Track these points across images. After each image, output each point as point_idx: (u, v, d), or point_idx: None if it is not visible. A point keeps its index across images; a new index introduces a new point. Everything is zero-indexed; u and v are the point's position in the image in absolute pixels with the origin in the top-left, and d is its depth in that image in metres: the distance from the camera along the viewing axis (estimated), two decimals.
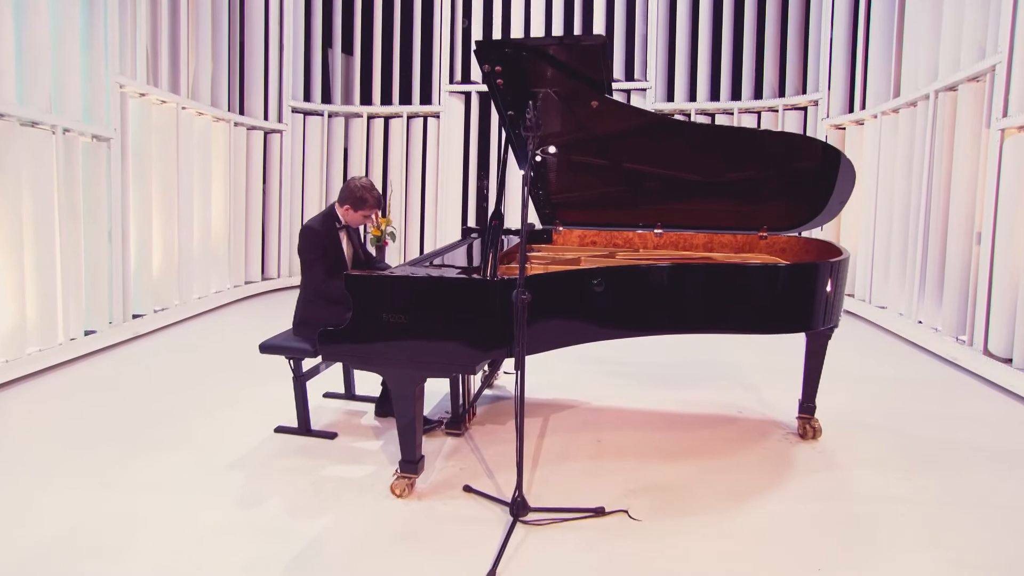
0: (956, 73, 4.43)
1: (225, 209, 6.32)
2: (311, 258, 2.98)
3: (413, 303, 2.24)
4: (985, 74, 4.16)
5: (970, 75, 4.28)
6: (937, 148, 4.67)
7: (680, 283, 2.45)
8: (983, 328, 4.01)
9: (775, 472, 2.71)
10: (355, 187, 3.03)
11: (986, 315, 3.98)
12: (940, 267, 4.66)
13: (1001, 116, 3.90)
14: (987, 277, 3.99)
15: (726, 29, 6.86)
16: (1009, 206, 3.83)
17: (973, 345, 4.11)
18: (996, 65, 3.95)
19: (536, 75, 2.31)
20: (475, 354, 2.24)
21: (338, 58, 7.51)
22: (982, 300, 4.03)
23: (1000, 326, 3.88)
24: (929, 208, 4.76)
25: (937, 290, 4.71)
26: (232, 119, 6.29)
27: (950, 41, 4.57)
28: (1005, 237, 3.86)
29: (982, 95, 4.23)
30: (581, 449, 2.94)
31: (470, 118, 7.49)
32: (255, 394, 3.62)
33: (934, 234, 4.69)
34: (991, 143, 4.01)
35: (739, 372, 4.18)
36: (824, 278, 2.61)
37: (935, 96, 4.70)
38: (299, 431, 3.03)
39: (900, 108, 5.28)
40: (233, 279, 6.47)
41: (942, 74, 4.64)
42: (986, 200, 4.04)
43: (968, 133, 4.32)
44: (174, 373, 4.07)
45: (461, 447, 2.92)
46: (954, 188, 4.42)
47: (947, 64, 4.59)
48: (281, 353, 2.96)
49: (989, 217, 3.99)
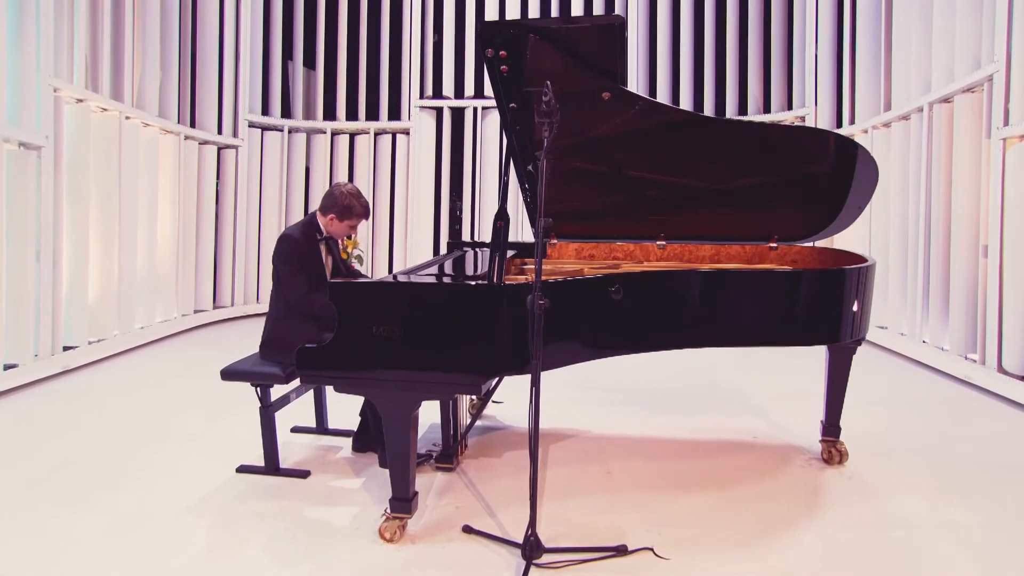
0: (950, 84, 4.59)
1: (173, 230, 6.04)
2: (289, 270, 2.79)
3: (410, 313, 2.08)
4: (982, 84, 4.31)
5: (965, 86, 4.43)
6: (935, 161, 4.79)
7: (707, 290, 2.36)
8: (995, 345, 4.04)
9: (805, 500, 2.61)
10: (340, 194, 2.87)
11: (998, 331, 4.02)
12: (944, 284, 4.74)
13: (1002, 125, 4.02)
14: (996, 292, 4.04)
15: (708, 43, 7.03)
16: (1016, 216, 3.92)
17: (986, 364, 4.14)
18: (994, 75, 4.09)
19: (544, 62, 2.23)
20: (482, 371, 2.09)
21: (299, 71, 7.40)
22: (992, 316, 4.08)
23: (1014, 342, 3.92)
24: (929, 223, 4.86)
25: (942, 308, 4.77)
26: (182, 132, 6.07)
27: (942, 53, 4.74)
28: (1013, 249, 3.93)
29: (979, 105, 4.37)
30: (590, 482, 2.79)
31: (442, 135, 7.44)
32: (212, 430, 3.37)
33: (936, 250, 4.78)
34: (993, 153, 4.12)
35: (743, 396, 4.12)
36: (852, 286, 2.56)
37: (929, 108, 4.85)
38: (266, 470, 2.79)
39: (892, 122, 5.44)
40: (181, 307, 6.15)
41: (935, 86, 4.80)
42: (991, 211, 4.13)
43: (967, 144, 4.44)
44: (115, 409, 3.76)
45: (454, 483, 2.74)
46: (955, 201, 4.52)
47: (940, 76, 4.75)
48: (247, 379, 2.74)
49: (995, 229, 4.07)
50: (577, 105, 2.63)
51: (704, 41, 7.03)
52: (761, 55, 7.00)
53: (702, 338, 2.43)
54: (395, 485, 2.24)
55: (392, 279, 2.21)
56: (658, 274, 2.37)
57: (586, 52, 2.20)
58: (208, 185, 6.58)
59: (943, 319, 4.76)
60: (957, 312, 4.49)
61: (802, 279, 2.51)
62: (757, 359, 5.14)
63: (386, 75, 7.38)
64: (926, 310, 4.92)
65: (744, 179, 3.13)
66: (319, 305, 2.77)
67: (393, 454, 2.22)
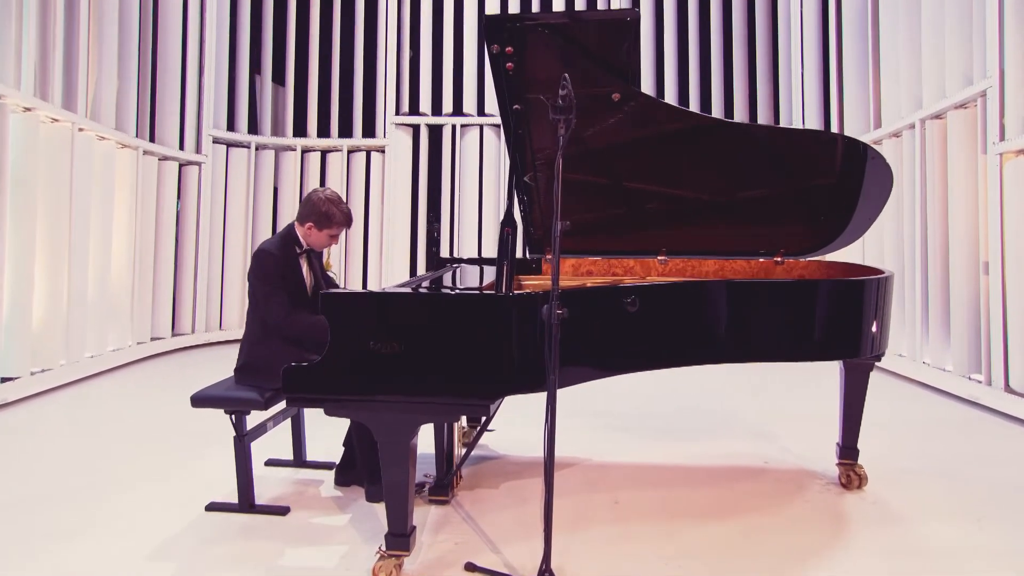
0: (942, 100, 4.72)
1: (129, 251, 5.80)
2: (267, 289, 2.64)
3: (411, 326, 1.97)
4: (974, 100, 4.44)
5: (957, 102, 4.56)
6: (929, 178, 4.90)
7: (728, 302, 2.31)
8: (1001, 364, 4.08)
9: (831, 528, 2.54)
10: (318, 200, 2.75)
11: (1004, 350, 4.07)
12: (944, 303, 4.80)
13: (998, 140, 4.13)
14: (1000, 309, 4.10)
15: (692, 62, 7.17)
16: (1017, 231, 4.00)
17: (992, 384, 4.17)
18: (987, 90, 4.22)
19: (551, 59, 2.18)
20: (492, 390, 1.98)
21: (268, 85, 7.30)
22: (997, 334, 4.12)
23: (1021, 360, 3.96)
24: (926, 241, 4.94)
25: (943, 328, 4.82)
26: (141, 146, 5.88)
27: (932, 69, 4.89)
28: (1016, 264, 4.00)
29: (973, 121, 4.49)
30: (598, 512, 2.68)
31: (419, 153, 7.39)
32: (175, 466, 3.16)
33: (934, 268, 4.85)
34: (990, 168, 4.22)
35: (743, 420, 4.08)
36: (872, 297, 2.54)
37: (921, 125, 4.98)
38: (240, 507, 2.61)
39: (883, 139, 5.57)
40: (136, 335, 5.88)
41: (927, 102, 4.94)
42: (990, 227, 4.21)
43: (962, 160, 4.55)
44: (63, 447, 3.51)
45: (450, 516, 2.60)
46: (952, 217, 4.61)
47: (931, 92, 4.89)
48: (220, 406, 2.57)
49: (996, 245, 4.14)
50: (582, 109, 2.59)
51: (688, 60, 7.17)
52: (746, 75, 7.16)
53: (722, 353, 2.36)
54: (391, 519, 2.10)
55: (392, 290, 2.10)
56: (678, 285, 2.31)
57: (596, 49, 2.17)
58: (168, 204, 6.37)
59: (944, 339, 4.81)
60: (959, 331, 4.54)
61: (824, 291, 2.48)
62: (754, 381, 5.12)
63: (360, 90, 7.33)
64: (926, 330, 4.97)
65: (750, 188, 3.12)
66: (300, 326, 2.63)
67: (390, 484, 2.07)
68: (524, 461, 3.29)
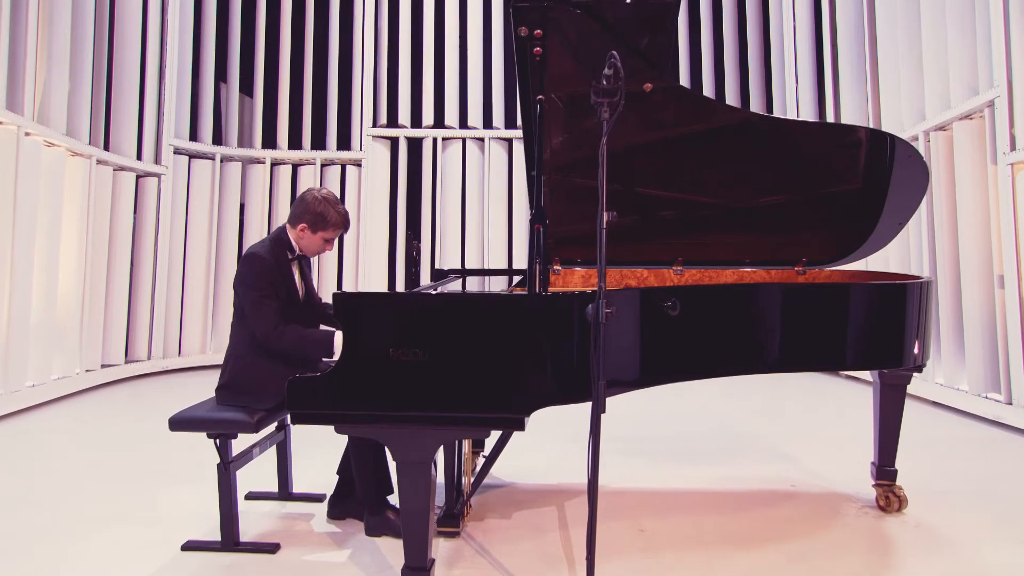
0: (947, 112, 4.84)
1: (79, 269, 5.53)
2: (255, 296, 2.47)
3: (437, 331, 1.85)
4: (981, 110, 4.55)
5: (963, 113, 4.67)
6: (936, 190, 4.99)
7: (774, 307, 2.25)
8: (1023, 381, 4.11)
9: (878, 553, 2.47)
10: (313, 199, 2.62)
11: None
12: (957, 319, 4.85)
13: (1009, 151, 4.22)
14: (1017, 323, 4.14)
15: (683, 77, 7.28)
16: None
17: (1014, 402, 4.19)
18: (995, 100, 4.33)
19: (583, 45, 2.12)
20: (527, 400, 1.85)
21: (235, 94, 7.15)
22: (1016, 349, 4.16)
23: None
24: (935, 255, 5.01)
25: (956, 345, 4.86)
26: (94, 155, 5.66)
27: (935, 81, 5.02)
28: None
29: (981, 131, 4.60)
30: (624, 541, 2.56)
31: (397, 167, 7.29)
32: (143, 503, 2.94)
33: (944, 284, 4.91)
34: (1000, 179, 4.31)
35: (759, 441, 4.04)
36: (914, 302, 2.51)
37: (926, 137, 5.09)
38: (223, 545, 2.41)
39: None
40: (85, 362, 5.57)
41: (930, 114, 5.05)
42: (1004, 239, 4.28)
43: (970, 172, 4.65)
44: (9, 484, 3.24)
45: (462, 550, 2.45)
46: (962, 231, 4.68)
47: (934, 104, 5.01)
48: (203, 429, 2.38)
49: (1010, 257, 4.21)
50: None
51: (678, 76, 7.27)
52: (738, 88, 7.29)
53: (765, 362, 2.29)
54: (409, 551, 1.95)
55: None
56: (724, 287, 2.25)
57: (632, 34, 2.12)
58: (124, 218, 6.11)
59: (958, 357, 4.84)
60: (973, 349, 4.57)
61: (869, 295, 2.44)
62: (755, 401, 5.08)
63: (335, 100, 7.23)
64: (938, 349, 5.01)
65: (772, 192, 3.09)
66: (290, 339, 2.46)
67: (409, 511, 1.92)
68: (533, 489, 3.17)
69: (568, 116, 2.69)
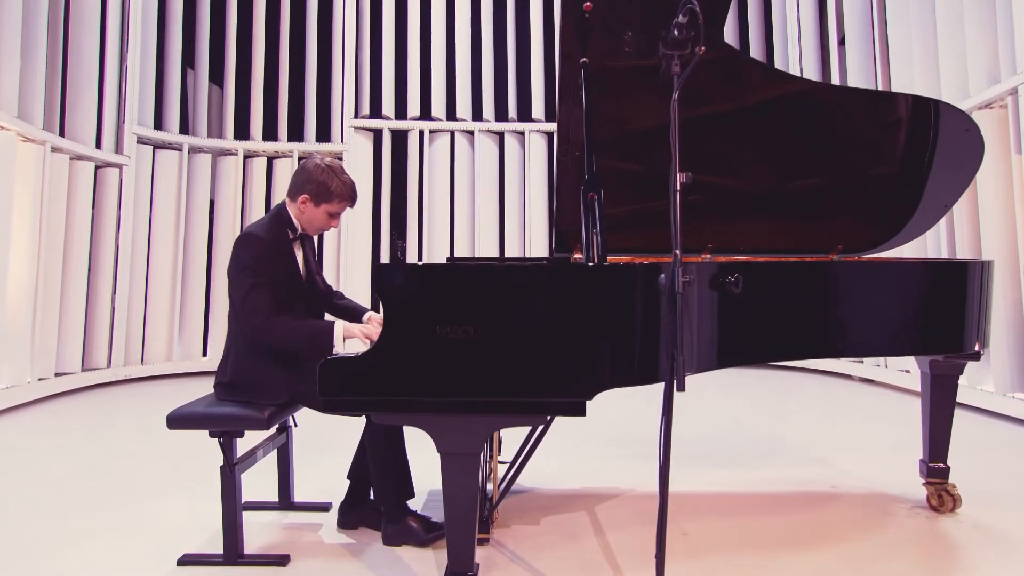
0: (965, 100, 4.89)
1: (31, 267, 5.27)
2: (249, 282, 2.29)
3: (489, 306, 1.74)
4: (1003, 99, 4.62)
5: (983, 102, 4.73)
6: None
7: (842, 286, 2.21)
8: None
9: (941, 554, 2.44)
10: (315, 168, 2.46)
11: None
12: None
13: None
14: None
15: None
16: None
17: None
18: (1019, 87, 4.39)
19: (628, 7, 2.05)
20: (589, 381, 1.76)
21: (203, 81, 6.94)
22: None
23: None
24: (954, 249, 5.05)
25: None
26: (49, 141, 5.42)
27: (951, 69, 5.08)
28: None
29: (1004, 121, 4.66)
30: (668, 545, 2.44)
31: (381, 160, 7.16)
32: (127, 516, 2.76)
33: None
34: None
35: (784, 443, 4.02)
36: (975, 283, 2.48)
37: None
38: (225, 559, 2.26)
39: None
40: (37, 370, 5.30)
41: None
42: None
43: (991, 162, 4.69)
44: None
45: (494, 557, 2.34)
46: (984, 223, 4.72)
47: (951, 93, 5.07)
48: (207, 426, 2.23)
49: None
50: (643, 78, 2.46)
51: None
52: None
53: (828, 346, 2.25)
54: (454, 555, 1.82)
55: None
56: (792, 264, 2.21)
57: None
58: (82, 211, 5.87)
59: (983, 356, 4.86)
60: (999, 346, 4.61)
61: (930, 276, 2.41)
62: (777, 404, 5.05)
63: (314, 89, 7.09)
64: None
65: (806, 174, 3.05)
66: (284, 332, 2.26)
67: (454, 511, 1.80)
68: (557, 494, 3.07)
69: (607, 89, 2.60)
